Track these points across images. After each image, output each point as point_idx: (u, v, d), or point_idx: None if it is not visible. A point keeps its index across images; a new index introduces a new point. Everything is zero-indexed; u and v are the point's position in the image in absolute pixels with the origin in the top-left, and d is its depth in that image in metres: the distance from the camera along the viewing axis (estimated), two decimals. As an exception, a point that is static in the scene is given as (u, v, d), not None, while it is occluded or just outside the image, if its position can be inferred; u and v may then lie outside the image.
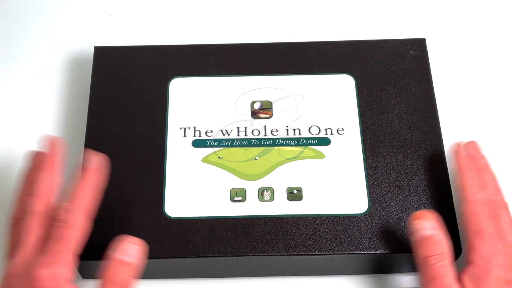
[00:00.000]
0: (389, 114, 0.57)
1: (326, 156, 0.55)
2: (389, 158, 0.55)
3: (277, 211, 0.53)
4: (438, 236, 0.48)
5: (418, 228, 0.48)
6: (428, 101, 0.57)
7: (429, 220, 0.48)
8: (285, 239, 0.51)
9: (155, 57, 0.60)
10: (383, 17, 0.69)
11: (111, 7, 0.70)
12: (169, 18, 0.69)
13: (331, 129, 0.56)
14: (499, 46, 0.67)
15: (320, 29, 0.68)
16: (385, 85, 0.58)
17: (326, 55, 0.60)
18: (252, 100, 0.58)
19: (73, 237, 0.46)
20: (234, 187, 0.54)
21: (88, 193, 0.48)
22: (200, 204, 0.53)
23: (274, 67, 0.59)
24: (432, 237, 0.48)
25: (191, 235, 0.51)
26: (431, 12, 0.69)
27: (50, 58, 0.66)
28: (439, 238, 0.48)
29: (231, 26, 0.68)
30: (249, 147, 0.55)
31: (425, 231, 0.48)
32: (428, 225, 0.48)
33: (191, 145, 0.55)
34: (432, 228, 0.48)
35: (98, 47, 0.60)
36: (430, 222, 0.48)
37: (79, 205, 0.47)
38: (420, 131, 0.56)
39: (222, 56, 0.60)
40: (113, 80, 0.58)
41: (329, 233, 0.51)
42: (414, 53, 0.60)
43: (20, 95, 0.64)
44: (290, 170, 0.54)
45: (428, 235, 0.48)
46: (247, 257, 0.51)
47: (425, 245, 0.48)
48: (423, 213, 0.49)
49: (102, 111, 0.57)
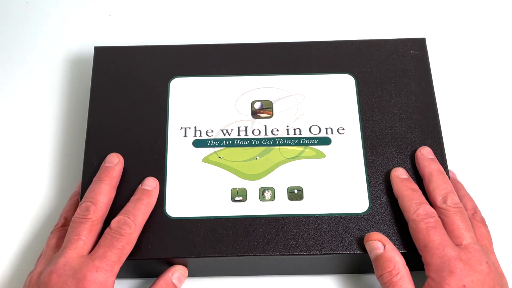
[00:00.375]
0: (389, 113, 0.57)
1: (327, 155, 0.55)
2: (389, 157, 0.55)
3: (278, 211, 0.53)
4: (389, 253, 0.49)
5: (370, 248, 0.50)
6: (428, 100, 0.57)
7: (378, 240, 0.50)
8: (286, 239, 0.51)
9: (155, 57, 0.60)
10: (383, 17, 0.69)
11: (111, 7, 0.70)
12: (169, 18, 0.69)
13: (331, 128, 0.56)
14: (499, 46, 0.67)
15: (320, 29, 0.68)
16: (385, 85, 0.58)
17: (327, 55, 0.60)
18: (252, 100, 0.58)
19: (124, 249, 0.48)
20: (235, 187, 0.54)
21: (145, 213, 0.51)
22: (201, 204, 0.53)
23: (274, 67, 0.59)
24: (382, 255, 0.49)
25: (192, 235, 0.51)
26: (431, 12, 0.69)
27: (50, 58, 0.66)
28: (390, 255, 0.49)
29: (231, 26, 0.68)
30: (250, 147, 0.55)
31: (376, 250, 0.50)
32: (378, 244, 0.50)
33: (192, 145, 0.55)
34: (382, 246, 0.50)
35: (98, 47, 0.60)
36: (379, 242, 0.50)
37: (136, 223, 0.50)
38: (420, 130, 0.56)
39: (222, 56, 0.60)
40: (113, 80, 0.58)
41: (330, 233, 0.52)
42: (414, 52, 0.60)
43: (20, 95, 0.64)
44: (291, 170, 0.54)
45: (379, 254, 0.49)
46: (248, 257, 0.51)
47: (378, 264, 0.49)
48: (372, 235, 0.50)
49: (102, 111, 0.57)
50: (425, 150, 0.54)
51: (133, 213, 0.50)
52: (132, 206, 0.51)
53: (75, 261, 0.47)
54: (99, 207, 0.50)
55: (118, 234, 0.49)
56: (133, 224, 0.49)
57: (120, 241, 0.48)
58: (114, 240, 0.48)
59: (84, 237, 0.49)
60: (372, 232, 0.51)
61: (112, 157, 0.54)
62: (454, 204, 0.50)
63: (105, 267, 0.47)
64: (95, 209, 0.50)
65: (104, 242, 0.48)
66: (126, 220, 0.49)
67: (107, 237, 0.49)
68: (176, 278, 0.52)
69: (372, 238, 0.50)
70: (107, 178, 0.52)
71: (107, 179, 0.52)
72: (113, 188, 0.52)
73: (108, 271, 0.47)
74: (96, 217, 0.50)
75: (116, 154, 0.54)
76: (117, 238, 0.48)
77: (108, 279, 0.47)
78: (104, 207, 0.51)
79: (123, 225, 0.49)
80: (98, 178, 0.52)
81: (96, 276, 0.46)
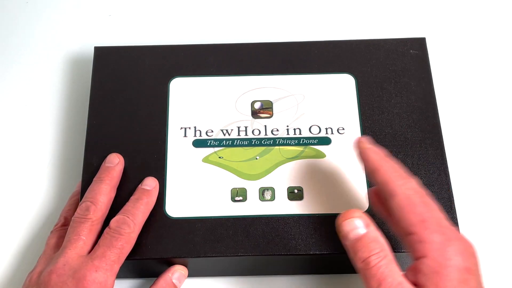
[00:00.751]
0: (389, 113, 0.57)
1: (327, 155, 0.55)
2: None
3: (277, 211, 0.53)
4: (373, 233, 0.43)
5: (350, 229, 0.44)
6: (428, 100, 0.57)
7: (360, 217, 0.44)
8: (286, 239, 0.51)
9: (155, 57, 0.60)
10: (383, 16, 0.69)
11: (111, 7, 0.70)
12: (169, 18, 0.69)
13: (331, 128, 0.56)
14: (499, 45, 0.67)
15: (320, 29, 0.68)
16: (385, 85, 0.58)
17: (327, 54, 0.60)
18: (252, 99, 0.58)
19: (123, 248, 0.48)
20: (235, 187, 0.54)
21: (144, 213, 0.51)
22: (201, 204, 0.53)
23: (274, 67, 0.59)
24: (367, 235, 0.43)
25: (192, 235, 0.51)
26: (431, 12, 0.69)
27: (50, 58, 0.66)
28: (375, 235, 0.43)
29: (231, 26, 0.68)
30: (250, 147, 0.55)
31: (357, 229, 0.44)
32: (360, 223, 0.44)
33: (192, 145, 0.55)
34: (366, 225, 0.44)
35: (98, 47, 0.60)
36: (361, 219, 0.44)
37: (135, 222, 0.50)
38: (420, 130, 0.56)
39: (222, 56, 0.60)
40: (113, 80, 0.58)
41: (330, 233, 0.51)
42: (414, 52, 0.60)
43: (20, 95, 0.64)
44: (291, 170, 0.54)
45: (362, 234, 0.43)
46: (248, 257, 0.51)
47: (361, 246, 0.43)
48: (351, 212, 0.45)
49: (102, 111, 0.57)
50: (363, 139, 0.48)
51: (132, 212, 0.50)
52: (131, 205, 0.51)
53: (75, 261, 0.47)
54: (99, 207, 0.50)
55: (117, 234, 0.49)
56: (132, 223, 0.49)
57: (119, 241, 0.48)
58: (113, 239, 0.48)
59: (84, 237, 0.49)
60: (349, 210, 0.45)
61: (113, 157, 0.54)
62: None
63: (105, 266, 0.47)
64: (95, 209, 0.50)
65: (103, 242, 0.48)
66: (125, 219, 0.49)
67: (107, 237, 0.49)
68: (176, 278, 0.52)
69: (351, 215, 0.44)
70: (107, 178, 0.52)
71: (107, 179, 0.52)
72: (113, 188, 0.52)
73: (107, 271, 0.47)
74: (96, 217, 0.50)
75: (117, 154, 0.54)
76: (116, 238, 0.48)
77: (108, 279, 0.47)
78: (104, 207, 0.51)
79: (122, 225, 0.49)
80: (98, 178, 0.52)
81: (96, 276, 0.47)
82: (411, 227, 0.42)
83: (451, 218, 0.52)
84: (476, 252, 0.42)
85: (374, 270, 0.42)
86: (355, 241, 0.44)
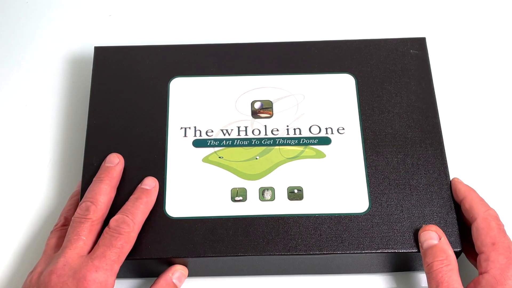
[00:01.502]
0: (389, 113, 0.57)
1: (327, 155, 0.55)
2: (389, 157, 0.55)
3: (277, 211, 0.53)
4: (443, 245, 0.50)
5: (425, 238, 0.51)
6: (429, 100, 0.57)
7: (435, 231, 0.51)
8: (286, 239, 0.51)
9: (155, 57, 0.60)
10: (383, 16, 0.69)
11: (111, 7, 0.70)
12: (169, 18, 0.69)
13: (331, 128, 0.56)
14: (499, 45, 0.67)
15: (320, 29, 0.68)
16: (385, 84, 0.58)
17: (327, 54, 0.60)
18: (252, 99, 0.58)
19: (123, 248, 0.48)
20: (235, 186, 0.54)
21: (144, 212, 0.51)
22: (201, 204, 0.53)
23: (274, 67, 0.59)
24: (437, 245, 0.50)
25: (192, 235, 0.51)
26: (431, 12, 0.69)
27: (50, 58, 0.66)
28: (444, 246, 0.50)
29: (231, 26, 0.68)
30: (250, 147, 0.55)
31: (431, 240, 0.50)
32: (434, 235, 0.50)
33: (192, 145, 0.55)
34: (438, 237, 0.50)
35: (98, 47, 0.60)
36: (435, 233, 0.51)
37: (134, 221, 0.50)
38: (420, 130, 0.56)
39: (222, 56, 0.60)
40: (114, 80, 0.58)
41: (329, 233, 0.51)
42: (414, 52, 0.60)
43: (20, 95, 0.64)
44: (291, 170, 0.54)
45: (434, 243, 0.50)
46: (248, 256, 0.51)
47: (430, 253, 0.49)
48: (429, 226, 0.51)
49: (102, 111, 0.57)
50: None
51: (131, 211, 0.50)
52: (131, 205, 0.51)
53: (75, 261, 0.47)
54: (99, 207, 0.50)
55: (117, 233, 0.49)
56: (131, 222, 0.49)
57: (119, 240, 0.48)
58: (113, 239, 0.48)
59: (84, 237, 0.49)
60: (429, 224, 0.52)
61: (113, 157, 0.54)
62: None
63: (105, 266, 0.47)
64: (95, 209, 0.50)
65: (103, 242, 0.48)
66: (124, 218, 0.49)
67: (106, 237, 0.49)
68: (176, 277, 0.52)
69: (429, 228, 0.51)
70: (107, 178, 0.52)
71: (107, 179, 0.52)
72: (113, 188, 0.52)
73: (107, 271, 0.47)
74: (96, 217, 0.50)
75: (117, 155, 0.54)
76: (116, 237, 0.48)
77: (108, 279, 0.47)
78: (104, 207, 0.51)
79: (121, 224, 0.49)
80: (98, 178, 0.52)
81: (96, 276, 0.46)
82: (483, 247, 0.49)
83: (450, 218, 0.52)
84: None
85: (435, 273, 0.48)
86: (427, 249, 0.50)
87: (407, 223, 0.52)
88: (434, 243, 0.50)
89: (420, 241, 0.51)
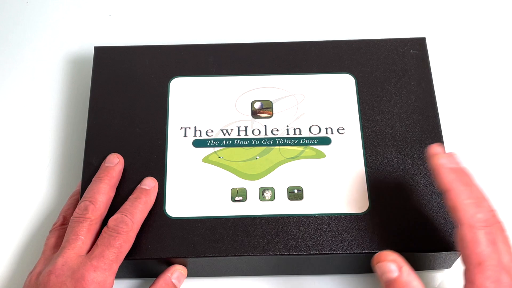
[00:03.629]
0: (389, 113, 0.57)
1: (327, 155, 0.55)
2: (389, 157, 0.55)
3: (277, 211, 0.53)
4: (406, 277, 0.43)
5: (382, 271, 0.44)
6: (429, 100, 0.57)
7: (392, 260, 0.44)
8: (286, 239, 0.51)
9: (155, 57, 0.60)
10: (383, 16, 0.69)
11: (111, 7, 0.70)
12: (169, 18, 0.69)
13: (331, 128, 0.56)
14: (499, 45, 0.67)
15: (320, 29, 0.68)
16: (385, 84, 0.58)
17: (326, 54, 0.60)
18: (252, 99, 0.58)
19: (121, 247, 0.48)
20: (235, 186, 0.54)
21: (143, 212, 0.51)
22: (201, 204, 0.53)
23: (274, 67, 0.59)
24: (398, 279, 0.43)
25: (192, 235, 0.51)
26: (431, 12, 0.69)
27: (50, 58, 0.66)
28: (407, 279, 0.43)
29: (231, 26, 0.68)
30: (250, 147, 0.55)
31: (391, 273, 0.44)
32: (393, 266, 0.44)
33: (192, 145, 0.55)
34: (398, 268, 0.44)
35: (98, 47, 0.60)
36: (393, 263, 0.44)
37: (133, 221, 0.49)
38: (420, 130, 0.56)
39: (222, 56, 0.60)
40: (113, 80, 0.58)
41: (330, 233, 0.51)
42: (414, 52, 0.60)
43: (20, 95, 0.64)
44: (291, 170, 0.54)
45: (394, 277, 0.44)
46: (248, 256, 0.51)
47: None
48: (384, 254, 0.45)
49: (102, 111, 0.57)
50: None
51: (130, 211, 0.50)
52: (129, 204, 0.51)
53: (74, 261, 0.47)
54: (98, 207, 0.50)
55: (115, 233, 0.48)
56: (130, 222, 0.49)
57: (117, 240, 0.48)
58: (111, 238, 0.48)
59: (82, 237, 0.49)
60: (383, 252, 0.45)
61: (113, 157, 0.54)
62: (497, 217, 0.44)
63: (103, 266, 0.47)
64: (93, 208, 0.50)
65: (101, 241, 0.48)
66: (123, 218, 0.49)
67: (105, 236, 0.48)
68: (176, 277, 0.52)
69: (384, 259, 0.44)
70: (107, 177, 0.52)
71: (107, 179, 0.52)
72: (112, 187, 0.52)
73: (106, 270, 0.47)
74: (95, 216, 0.50)
75: (117, 155, 0.54)
76: (115, 237, 0.48)
77: (107, 278, 0.47)
78: (103, 206, 0.51)
79: (120, 223, 0.49)
80: (97, 177, 0.52)
81: (95, 276, 0.46)
82: (468, 264, 0.42)
83: (450, 218, 0.52)
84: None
85: None
86: (387, 284, 0.44)
87: (407, 223, 0.52)
88: (393, 277, 0.43)
89: (376, 272, 0.45)
